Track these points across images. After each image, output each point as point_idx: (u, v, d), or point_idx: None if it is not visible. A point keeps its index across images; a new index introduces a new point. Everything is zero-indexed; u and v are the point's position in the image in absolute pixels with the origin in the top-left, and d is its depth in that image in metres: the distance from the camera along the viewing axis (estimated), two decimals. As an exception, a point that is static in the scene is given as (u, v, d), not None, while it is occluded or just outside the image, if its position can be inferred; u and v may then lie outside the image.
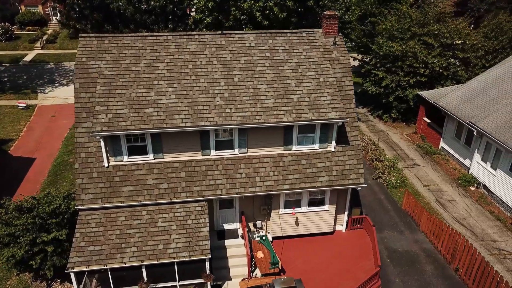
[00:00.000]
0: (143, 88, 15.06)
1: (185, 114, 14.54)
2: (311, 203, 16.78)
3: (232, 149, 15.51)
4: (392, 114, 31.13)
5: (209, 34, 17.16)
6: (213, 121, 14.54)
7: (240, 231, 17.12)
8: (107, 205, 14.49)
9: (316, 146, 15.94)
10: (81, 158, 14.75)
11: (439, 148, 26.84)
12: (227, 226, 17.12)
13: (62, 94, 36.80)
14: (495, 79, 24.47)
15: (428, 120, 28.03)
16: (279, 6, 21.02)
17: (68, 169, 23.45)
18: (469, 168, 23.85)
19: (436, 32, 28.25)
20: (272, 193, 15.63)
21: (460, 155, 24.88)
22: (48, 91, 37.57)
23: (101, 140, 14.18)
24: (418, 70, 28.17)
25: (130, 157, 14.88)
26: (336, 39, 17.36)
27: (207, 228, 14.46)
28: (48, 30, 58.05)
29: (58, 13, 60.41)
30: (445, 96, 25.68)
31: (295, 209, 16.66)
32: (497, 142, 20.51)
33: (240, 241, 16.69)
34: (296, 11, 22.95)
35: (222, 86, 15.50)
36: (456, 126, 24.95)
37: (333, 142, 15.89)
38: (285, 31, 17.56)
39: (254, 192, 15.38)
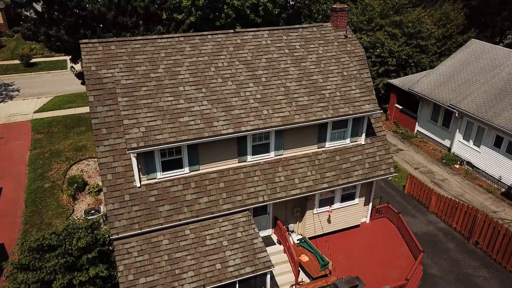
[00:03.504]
0: (169, 96, 13.64)
1: (224, 120, 13.45)
2: (343, 199, 16.64)
3: (268, 152, 14.75)
4: (362, 104, 32.13)
5: (222, 34, 16.11)
6: (254, 124, 13.64)
7: (274, 237, 16.41)
8: (145, 229, 12.93)
9: (348, 140, 15.79)
10: (108, 181, 12.95)
11: (415, 132, 28.35)
12: (260, 234, 16.26)
13: (2, 112, 32.41)
14: (461, 63, 26.42)
15: (400, 107, 29.45)
16: (271, 1, 20.50)
17: (48, 195, 20.64)
18: (449, 147, 25.50)
19: (395, 23, 29.70)
20: (312, 194, 15.18)
21: (438, 136, 26.49)
22: (-17, 110, 32.82)
23: (133, 157, 12.58)
24: (386, 60, 29.44)
25: (164, 173, 13.41)
26: (347, 33, 17.36)
27: (260, 239, 13.61)
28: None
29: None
30: (417, 83, 27.13)
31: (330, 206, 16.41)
32: (481, 120, 22.14)
33: (277, 247, 15.99)
34: (285, 6, 22.60)
35: (252, 87, 14.62)
36: (432, 109, 26.51)
37: (363, 135, 15.88)
38: (296, 26, 17.13)
39: (295, 194, 14.80)
